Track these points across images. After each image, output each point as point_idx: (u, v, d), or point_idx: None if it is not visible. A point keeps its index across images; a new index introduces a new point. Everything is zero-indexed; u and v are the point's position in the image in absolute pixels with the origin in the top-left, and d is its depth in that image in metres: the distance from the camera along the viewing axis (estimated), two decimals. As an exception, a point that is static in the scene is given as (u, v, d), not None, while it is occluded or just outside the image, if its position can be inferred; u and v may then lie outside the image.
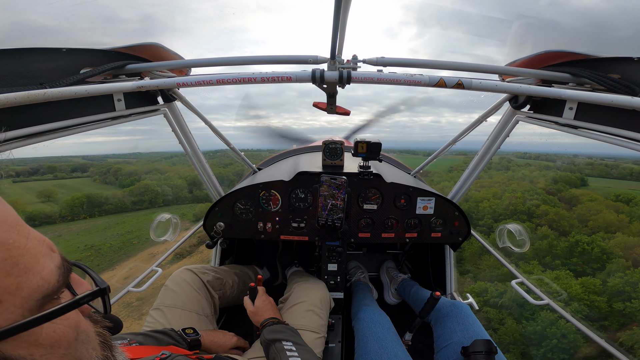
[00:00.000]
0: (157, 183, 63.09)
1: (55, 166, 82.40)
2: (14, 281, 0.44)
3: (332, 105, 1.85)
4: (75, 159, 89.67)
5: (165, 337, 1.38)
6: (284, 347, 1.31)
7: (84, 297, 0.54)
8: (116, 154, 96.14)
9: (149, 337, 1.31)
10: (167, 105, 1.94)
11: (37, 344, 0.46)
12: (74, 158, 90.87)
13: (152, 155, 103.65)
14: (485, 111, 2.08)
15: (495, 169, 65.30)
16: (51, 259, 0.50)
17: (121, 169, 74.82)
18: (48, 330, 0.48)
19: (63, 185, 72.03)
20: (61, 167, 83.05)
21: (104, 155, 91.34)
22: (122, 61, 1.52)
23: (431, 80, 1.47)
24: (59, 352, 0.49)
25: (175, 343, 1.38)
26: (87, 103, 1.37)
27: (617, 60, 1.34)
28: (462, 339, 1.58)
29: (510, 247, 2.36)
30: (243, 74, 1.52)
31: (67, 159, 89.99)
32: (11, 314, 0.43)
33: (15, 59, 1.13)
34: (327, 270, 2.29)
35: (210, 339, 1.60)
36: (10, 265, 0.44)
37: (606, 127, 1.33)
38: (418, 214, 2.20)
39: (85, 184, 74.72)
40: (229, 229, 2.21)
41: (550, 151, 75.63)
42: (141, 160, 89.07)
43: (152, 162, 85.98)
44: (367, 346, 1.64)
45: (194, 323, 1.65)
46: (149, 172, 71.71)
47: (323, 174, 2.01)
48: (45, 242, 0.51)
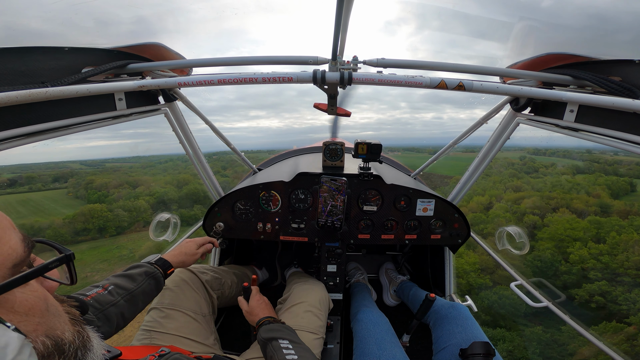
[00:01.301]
0: (110, 208, 51.77)
1: (33, 176, 75.03)
2: None
3: (333, 107, 1.85)
4: (73, 164, 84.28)
5: (137, 269, 1.42)
6: (280, 346, 1.31)
7: (52, 261, 0.60)
8: (116, 157, 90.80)
9: (121, 277, 1.35)
10: (168, 105, 1.95)
11: (13, 310, 0.51)
12: (72, 163, 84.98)
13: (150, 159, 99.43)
14: (486, 113, 2.08)
15: (524, 172, 60.07)
16: (15, 232, 0.55)
17: (93, 181, 66.86)
18: (21, 298, 0.52)
19: (27, 200, 65.02)
20: (43, 177, 75.37)
21: (103, 159, 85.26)
22: (123, 60, 1.52)
23: (432, 82, 1.48)
24: (34, 320, 0.54)
25: (150, 269, 1.44)
26: (88, 102, 1.37)
27: (618, 63, 1.34)
28: (461, 341, 1.58)
29: (509, 249, 2.36)
30: (244, 74, 1.52)
31: (65, 165, 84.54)
32: None
33: (17, 58, 1.14)
34: (327, 271, 2.28)
35: (178, 259, 1.64)
36: None
37: (607, 129, 1.33)
38: (418, 215, 2.20)
39: (55, 198, 67.38)
40: (229, 229, 2.21)
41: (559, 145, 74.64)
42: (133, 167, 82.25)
43: (145, 167, 79.97)
44: (365, 347, 1.64)
45: (193, 323, 1.65)
46: (120, 185, 62.40)
47: (323, 175, 2.01)
48: (6, 218, 0.56)
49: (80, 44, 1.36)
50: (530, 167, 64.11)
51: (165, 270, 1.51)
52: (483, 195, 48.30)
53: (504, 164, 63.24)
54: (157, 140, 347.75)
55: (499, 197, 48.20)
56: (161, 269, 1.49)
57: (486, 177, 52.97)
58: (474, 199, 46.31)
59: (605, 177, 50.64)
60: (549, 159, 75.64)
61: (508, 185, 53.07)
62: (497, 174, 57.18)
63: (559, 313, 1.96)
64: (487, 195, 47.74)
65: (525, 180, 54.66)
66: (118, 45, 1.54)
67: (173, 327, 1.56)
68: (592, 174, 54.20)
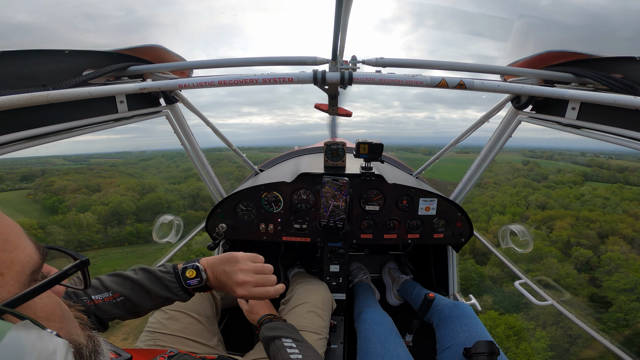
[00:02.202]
0: (42, 224, 42.34)
1: (1, 175, 65.92)
2: (8, 256, 0.48)
3: (334, 107, 1.85)
4: (56, 159, 74.72)
5: (163, 286, 1.16)
6: (283, 344, 1.30)
7: (71, 267, 0.60)
8: (102, 152, 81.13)
9: (140, 288, 1.14)
10: (169, 106, 1.95)
11: (37, 316, 0.50)
12: (55, 158, 75.48)
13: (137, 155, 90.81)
14: (488, 111, 2.07)
15: (533, 179, 52.39)
16: (28, 240, 0.54)
17: (53, 183, 58.18)
18: (41, 304, 0.52)
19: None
20: (11, 174, 65.85)
21: (88, 154, 76.82)
22: (124, 63, 1.53)
23: (433, 81, 1.47)
24: (55, 325, 0.54)
25: (175, 294, 1.16)
26: (89, 105, 1.38)
27: (620, 60, 1.33)
28: (465, 340, 1.57)
29: (513, 247, 2.35)
30: (245, 75, 1.52)
31: (47, 160, 73.96)
32: (12, 287, 0.47)
33: (18, 61, 1.14)
34: (329, 272, 2.28)
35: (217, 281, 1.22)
36: (2, 241, 0.48)
37: (609, 127, 1.32)
38: (420, 215, 2.19)
39: (12, 201, 57.72)
40: (231, 230, 2.21)
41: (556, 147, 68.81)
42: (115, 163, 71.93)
43: (127, 165, 70.59)
44: (369, 347, 1.63)
45: (196, 324, 1.65)
46: (77, 190, 53.98)
47: (325, 175, 2.01)
48: (17, 226, 0.55)
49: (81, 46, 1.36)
50: (538, 174, 58.47)
51: (190, 295, 1.21)
52: (504, 213, 40.45)
53: (509, 169, 59.63)
54: (145, 136, 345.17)
55: (524, 216, 40.70)
56: (189, 294, 1.20)
57: (497, 185, 47.97)
58: (494, 218, 38.43)
59: (630, 189, 43.56)
60: (556, 163, 70.37)
61: (529, 200, 45.99)
62: (506, 181, 52.68)
63: (563, 311, 1.95)
64: (508, 214, 40.16)
65: (544, 193, 47.31)
66: (118, 47, 1.54)
67: (177, 328, 1.56)
68: (614, 184, 47.40)
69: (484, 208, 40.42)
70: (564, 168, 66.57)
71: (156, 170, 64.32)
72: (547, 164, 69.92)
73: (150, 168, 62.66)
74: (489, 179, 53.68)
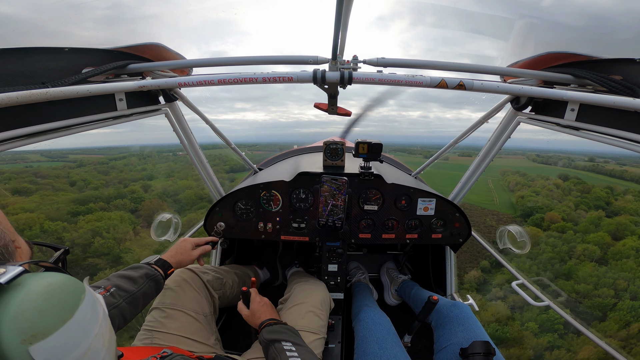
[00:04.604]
0: None
1: None
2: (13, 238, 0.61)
3: (334, 106, 1.85)
4: (32, 155, 64.86)
5: (137, 271, 1.39)
6: (283, 348, 1.30)
7: (58, 257, 0.71)
8: (83, 147, 74.14)
9: (122, 278, 1.33)
10: (169, 105, 1.95)
11: None
12: (31, 154, 65.42)
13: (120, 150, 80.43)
14: (487, 112, 2.07)
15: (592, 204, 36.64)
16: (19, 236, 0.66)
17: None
18: None
19: None
20: None
21: (68, 149, 68.56)
22: (124, 61, 1.52)
23: (432, 81, 1.47)
24: None
25: (150, 270, 1.41)
26: (88, 102, 1.37)
27: (619, 62, 1.33)
28: (462, 340, 1.58)
29: (511, 248, 2.35)
30: (244, 74, 1.52)
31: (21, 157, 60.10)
32: None
33: (17, 59, 1.14)
34: (328, 271, 2.28)
35: (175, 260, 1.59)
36: (12, 232, 0.60)
37: (608, 128, 1.32)
38: (419, 215, 2.20)
39: None
40: (230, 229, 2.21)
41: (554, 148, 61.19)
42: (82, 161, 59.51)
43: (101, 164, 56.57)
44: (367, 347, 1.64)
45: (194, 323, 1.65)
46: (19, 191, 39.90)
47: (324, 174, 2.01)
48: (9, 223, 0.66)
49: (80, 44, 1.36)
50: (596, 197, 39.66)
51: (165, 271, 1.49)
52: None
53: (551, 186, 43.95)
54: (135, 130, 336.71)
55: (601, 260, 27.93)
56: (161, 270, 1.47)
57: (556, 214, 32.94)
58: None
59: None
60: (565, 170, 56.95)
61: (581, 225, 32.70)
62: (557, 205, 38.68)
63: (560, 312, 1.96)
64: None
65: (598, 216, 33.21)
66: (118, 45, 1.54)
67: (174, 327, 1.56)
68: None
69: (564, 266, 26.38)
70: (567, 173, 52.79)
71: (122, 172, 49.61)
72: (587, 177, 51.98)
73: (118, 168, 49.87)
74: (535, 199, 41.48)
